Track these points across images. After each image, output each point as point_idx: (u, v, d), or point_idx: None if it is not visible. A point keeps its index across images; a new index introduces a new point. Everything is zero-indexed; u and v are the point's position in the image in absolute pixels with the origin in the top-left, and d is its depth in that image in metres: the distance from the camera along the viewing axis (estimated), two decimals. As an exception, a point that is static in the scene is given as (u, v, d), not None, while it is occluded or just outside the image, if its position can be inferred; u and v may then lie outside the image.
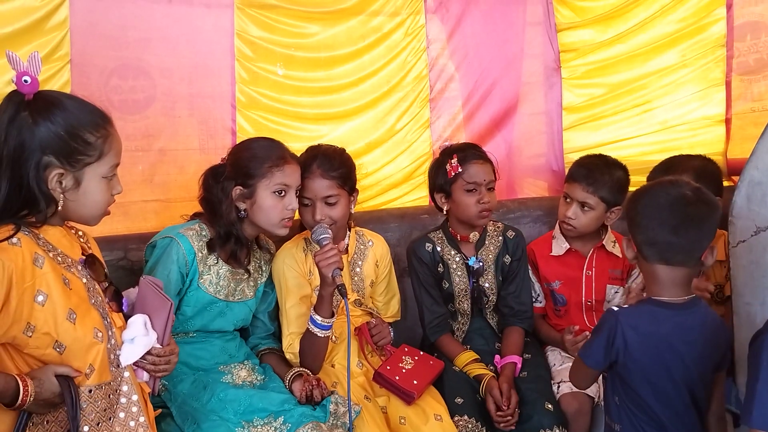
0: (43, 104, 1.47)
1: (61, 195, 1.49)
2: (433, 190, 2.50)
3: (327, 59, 2.89)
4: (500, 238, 2.52)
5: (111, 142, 1.55)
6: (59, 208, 1.49)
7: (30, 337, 1.42)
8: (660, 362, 1.75)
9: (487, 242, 2.51)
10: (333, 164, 2.23)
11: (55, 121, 1.46)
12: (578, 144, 3.24)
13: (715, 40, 3.15)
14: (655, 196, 1.77)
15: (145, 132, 2.62)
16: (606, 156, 2.59)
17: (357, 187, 2.34)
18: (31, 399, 1.40)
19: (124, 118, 2.56)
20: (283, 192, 2.10)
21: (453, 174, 2.38)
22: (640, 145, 3.27)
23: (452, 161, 2.39)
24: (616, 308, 1.79)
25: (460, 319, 2.53)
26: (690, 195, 1.73)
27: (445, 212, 2.47)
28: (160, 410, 1.87)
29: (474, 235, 2.47)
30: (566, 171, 3.04)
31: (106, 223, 2.45)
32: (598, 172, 2.47)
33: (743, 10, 3.10)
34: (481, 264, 2.46)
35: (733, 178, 3.03)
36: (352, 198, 2.31)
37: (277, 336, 2.33)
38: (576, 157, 2.75)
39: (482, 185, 2.37)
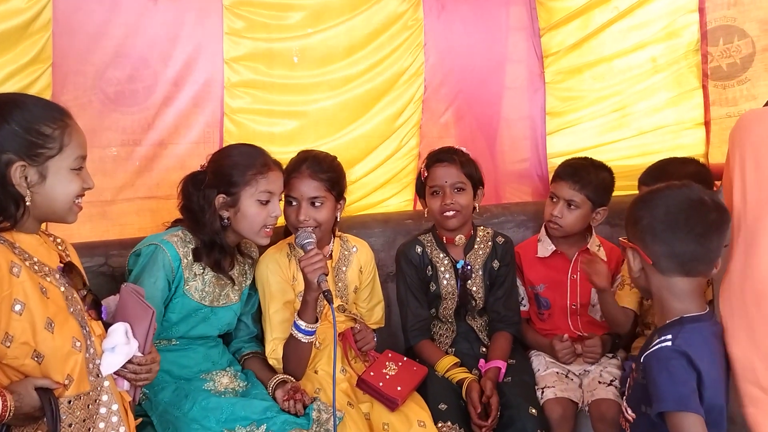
0: None
1: (28, 190, 1.47)
2: (419, 196, 2.57)
3: (323, 57, 2.83)
4: (489, 243, 2.53)
5: (71, 133, 1.53)
6: (28, 204, 1.47)
7: (8, 347, 1.40)
8: (720, 381, 1.59)
9: (476, 246, 2.51)
10: (322, 167, 2.24)
11: (9, 119, 1.46)
12: (561, 149, 3.24)
13: (688, 45, 3.14)
14: (674, 203, 1.62)
15: (131, 131, 2.58)
16: (591, 158, 2.61)
17: (345, 195, 2.33)
18: (11, 413, 1.38)
19: (122, 110, 2.52)
20: (267, 199, 2.08)
21: (423, 179, 2.47)
22: (621, 149, 3.27)
23: (423, 166, 2.48)
24: (669, 343, 1.55)
25: (445, 323, 2.53)
26: (709, 200, 1.60)
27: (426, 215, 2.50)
28: (140, 419, 1.85)
29: (459, 239, 2.47)
30: (550, 176, 3.05)
31: (106, 222, 2.48)
32: (584, 171, 2.50)
33: (715, 14, 3.08)
34: (469, 267, 2.46)
35: (716, 182, 3.05)
36: (339, 205, 2.30)
37: (260, 339, 2.31)
38: (559, 162, 2.76)
39: (445, 187, 2.38)
